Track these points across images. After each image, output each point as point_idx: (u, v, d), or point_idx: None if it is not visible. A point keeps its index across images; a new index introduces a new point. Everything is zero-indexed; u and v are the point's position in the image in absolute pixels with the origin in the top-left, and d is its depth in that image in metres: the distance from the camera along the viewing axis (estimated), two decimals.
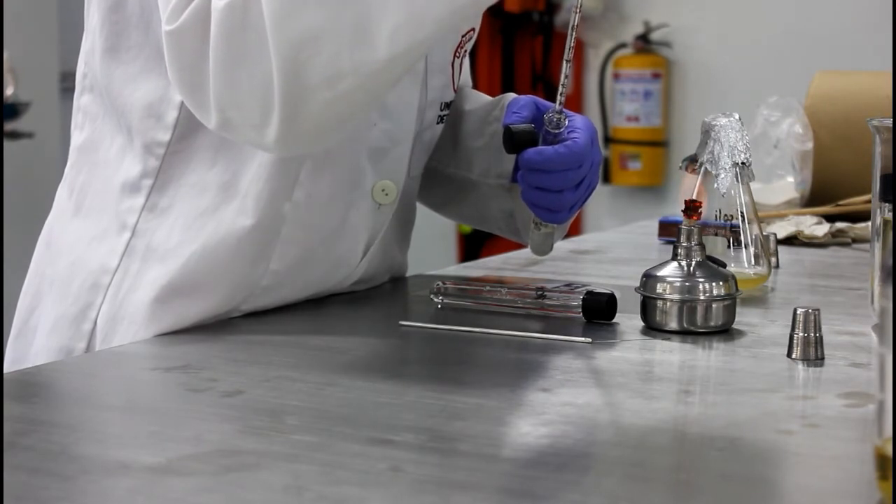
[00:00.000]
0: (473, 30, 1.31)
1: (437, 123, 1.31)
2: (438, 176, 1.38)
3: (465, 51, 1.31)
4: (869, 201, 1.20)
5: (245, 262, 1.16)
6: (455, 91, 1.31)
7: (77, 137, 1.23)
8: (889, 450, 0.69)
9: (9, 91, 3.56)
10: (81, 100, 1.23)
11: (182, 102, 1.14)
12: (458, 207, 1.41)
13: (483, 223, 1.40)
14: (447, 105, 1.31)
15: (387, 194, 1.24)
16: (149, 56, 1.15)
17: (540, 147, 1.20)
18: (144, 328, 1.14)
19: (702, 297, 1.13)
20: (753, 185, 1.34)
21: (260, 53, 1.01)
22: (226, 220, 1.15)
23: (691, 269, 1.14)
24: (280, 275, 1.18)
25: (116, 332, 1.16)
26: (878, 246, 1.15)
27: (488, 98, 1.39)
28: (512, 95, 1.36)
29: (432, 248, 1.50)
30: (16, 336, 1.24)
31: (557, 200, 1.21)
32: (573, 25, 1.19)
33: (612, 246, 1.70)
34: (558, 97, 1.21)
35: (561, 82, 1.21)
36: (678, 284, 1.14)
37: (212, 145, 1.16)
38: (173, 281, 1.14)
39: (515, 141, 1.21)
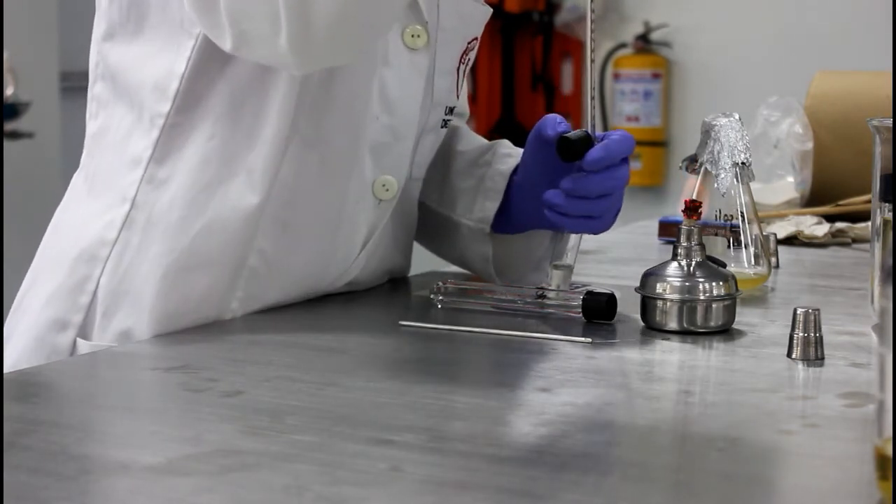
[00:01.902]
0: (476, 38, 1.32)
1: (441, 127, 1.31)
2: (423, 209, 1.38)
3: (470, 59, 1.32)
4: (869, 201, 1.20)
5: (249, 239, 1.16)
6: (458, 97, 1.32)
7: (91, 126, 1.24)
8: (889, 450, 0.69)
9: (9, 91, 3.56)
10: (95, 89, 1.24)
11: (183, 73, 1.15)
12: (438, 244, 1.42)
13: (460, 263, 1.41)
14: (451, 110, 1.32)
15: (387, 190, 1.25)
16: (168, 33, 1.16)
17: (597, 148, 1.19)
18: (151, 306, 1.14)
19: (702, 297, 1.13)
20: (753, 185, 1.34)
21: None
22: (231, 196, 1.15)
23: (691, 269, 1.14)
24: (267, 254, 1.18)
25: (120, 307, 1.16)
26: (878, 246, 1.15)
27: (482, 141, 1.40)
28: (506, 142, 1.37)
29: None
30: (11, 314, 1.24)
31: (613, 203, 1.21)
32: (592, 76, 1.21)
33: (612, 246, 1.70)
34: (589, 122, 1.21)
35: (589, 112, 1.22)
36: (678, 284, 1.14)
37: (211, 119, 1.16)
38: (182, 258, 1.15)
39: (577, 147, 1.18)
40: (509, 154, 1.34)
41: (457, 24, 1.28)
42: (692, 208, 1.16)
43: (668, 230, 1.75)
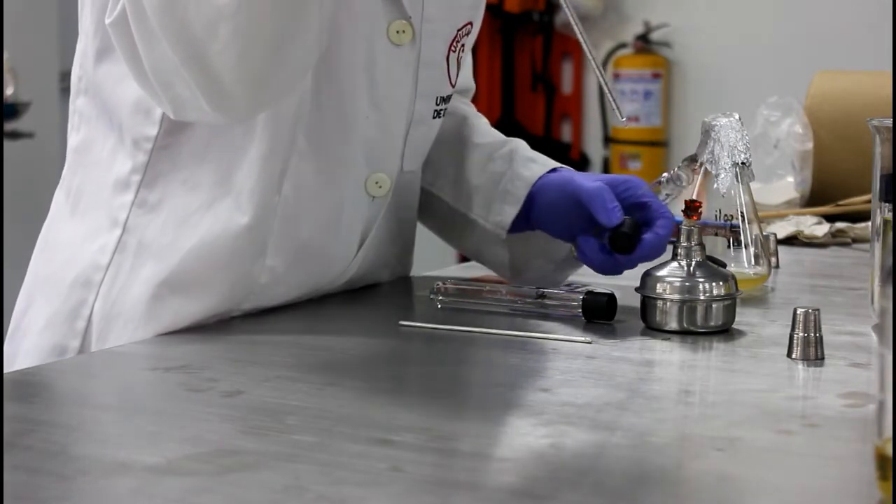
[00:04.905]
0: (471, 24, 1.29)
1: (435, 118, 1.29)
2: (438, 203, 1.37)
3: (463, 45, 1.29)
4: (869, 201, 1.20)
5: (243, 260, 1.16)
6: (452, 86, 1.29)
7: (73, 140, 1.24)
8: (889, 450, 0.69)
9: (9, 91, 3.56)
10: (77, 102, 1.23)
11: None
12: (455, 239, 1.40)
13: (477, 259, 1.39)
14: (444, 100, 1.29)
15: (380, 187, 1.24)
16: None
17: (650, 243, 1.19)
18: (142, 327, 1.14)
19: (702, 297, 1.13)
20: (753, 185, 1.34)
21: (155, 31, 1.02)
22: (221, 217, 1.15)
23: (691, 269, 1.14)
24: (278, 270, 1.18)
25: (112, 330, 1.16)
26: (878, 246, 1.15)
27: (498, 136, 1.38)
28: (524, 144, 1.35)
29: (432, 248, 1.50)
30: (10, 337, 1.24)
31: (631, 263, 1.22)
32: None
33: None
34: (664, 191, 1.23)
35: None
36: (678, 284, 1.14)
37: (200, 141, 1.16)
38: (170, 278, 1.14)
39: (632, 241, 1.19)
40: (533, 160, 1.32)
41: (443, 13, 1.24)
42: (692, 208, 1.16)
43: None
